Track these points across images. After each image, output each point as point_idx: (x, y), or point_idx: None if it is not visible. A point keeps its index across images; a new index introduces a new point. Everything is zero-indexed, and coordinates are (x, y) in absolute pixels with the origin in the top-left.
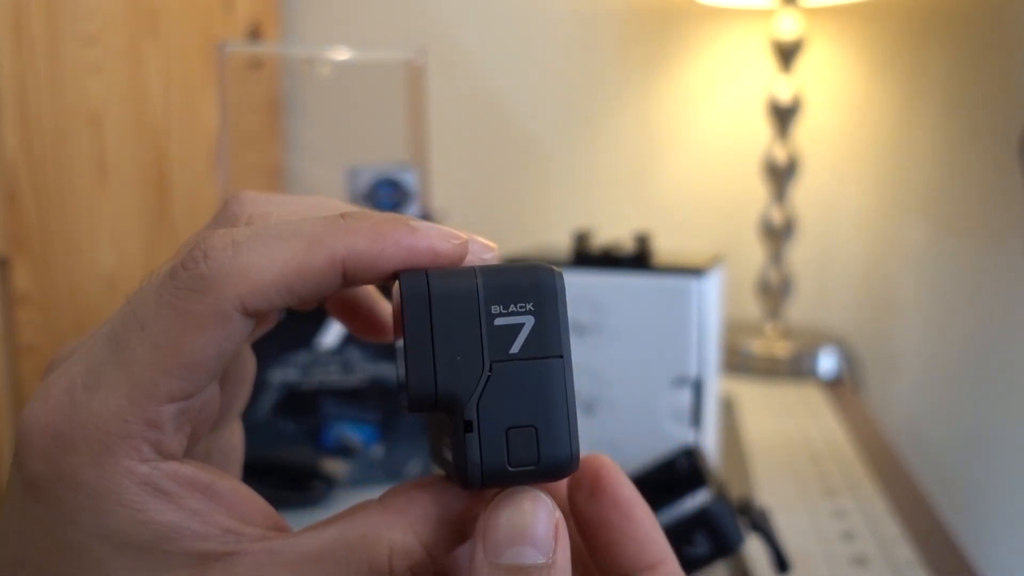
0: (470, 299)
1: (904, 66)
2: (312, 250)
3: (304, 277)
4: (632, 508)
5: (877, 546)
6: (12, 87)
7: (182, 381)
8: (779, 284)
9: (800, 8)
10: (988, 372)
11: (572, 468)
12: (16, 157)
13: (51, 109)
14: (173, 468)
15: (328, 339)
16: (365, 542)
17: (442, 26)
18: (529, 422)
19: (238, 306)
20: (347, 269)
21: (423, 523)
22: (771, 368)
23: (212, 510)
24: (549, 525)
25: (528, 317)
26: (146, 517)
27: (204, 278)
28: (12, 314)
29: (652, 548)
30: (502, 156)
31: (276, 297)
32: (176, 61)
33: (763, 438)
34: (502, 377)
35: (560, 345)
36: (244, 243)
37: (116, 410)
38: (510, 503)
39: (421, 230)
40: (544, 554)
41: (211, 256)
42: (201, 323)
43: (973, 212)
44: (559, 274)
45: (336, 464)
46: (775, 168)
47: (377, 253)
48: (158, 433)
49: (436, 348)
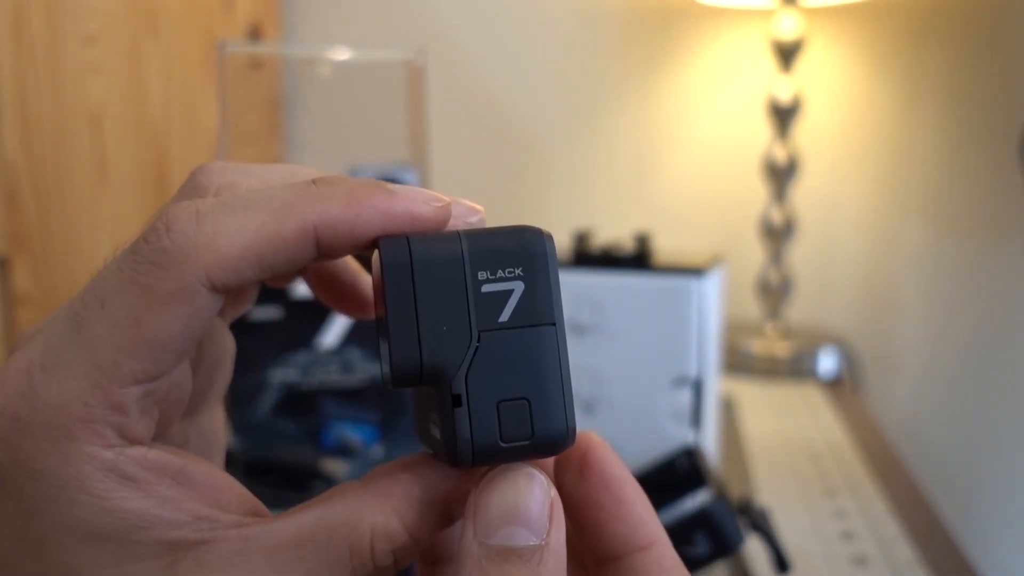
0: (455, 265)
1: (904, 66)
2: (282, 218)
3: (275, 247)
4: (622, 487)
5: (877, 546)
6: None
7: (146, 362)
8: (779, 284)
9: (800, 8)
10: (988, 372)
11: (568, 443)
12: (16, 157)
13: (51, 109)
14: (140, 453)
15: (328, 339)
16: (346, 526)
17: (442, 26)
18: (521, 394)
19: (204, 281)
20: (320, 237)
21: (406, 505)
22: (771, 368)
23: (183, 496)
24: (544, 504)
25: (517, 283)
26: (112, 505)
27: (167, 251)
28: (12, 314)
29: (644, 529)
30: (502, 156)
31: (245, 270)
32: (176, 61)
33: (763, 438)
34: (491, 347)
35: (552, 312)
36: (209, 213)
37: (76, 393)
38: (502, 481)
39: (399, 193)
40: (537, 535)
41: (174, 228)
42: (165, 300)
43: (973, 212)
44: (548, 236)
45: (336, 464)
46: (775, 168)
47: (352, 219)
48: (122, 417)
49: (420, 318)
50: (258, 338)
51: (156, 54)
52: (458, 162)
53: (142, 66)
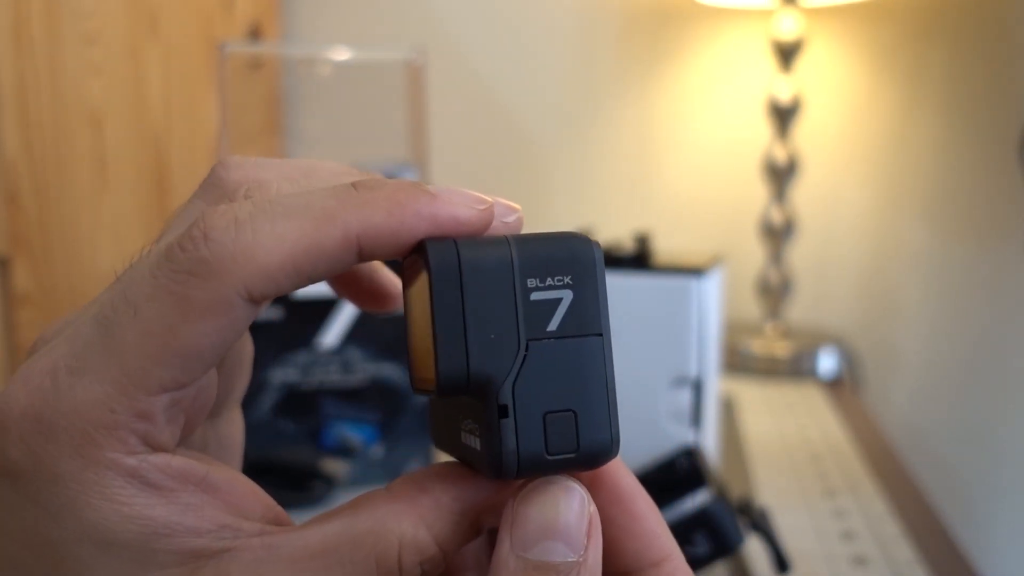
0: (504, 271)
1: (904, 66)
2: (324, 227)
3: (315, 258)
4: (634, 502)
5: (877, 546)
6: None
7: (176, 371)
8: (779, 284)
9: (800, 8)
10: (988, 372)
11: (613, 454)
12: (16, 157)
13: (51, 109)
14: (164, 460)
15: (328, 339)
16: (372, 536)
17: (442, 26)
18: (568, 406)
19: (242, 292)
20: (363, 246)
21: (435, 514)
22: (771, 368)
23: (206, 504)
24: (582, 520)
25: (566, 291)
26: (133, 512)
27: (205, 262)
28: (12, 314)
29: (656, 544)
30: (502, 156)
31: (284, 281)
32: (176, 61)
33: (763, 438)
34: (539, 357)
35: (600, 322)
36: (248, 221)
37: (102, 398)
38: (542, 493)
39: (442, 197)
40: (575, 551)
41: (212, 237)
42: (201, 311)
43: (973, 212)
44: (597, 245)
45: (336, 464)
46: (775, 168)
47: (396, 227)
48: (148, 425)
49: (468, 326)
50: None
51: (156, 54)
52: (458, 162)
53: (142, 66)
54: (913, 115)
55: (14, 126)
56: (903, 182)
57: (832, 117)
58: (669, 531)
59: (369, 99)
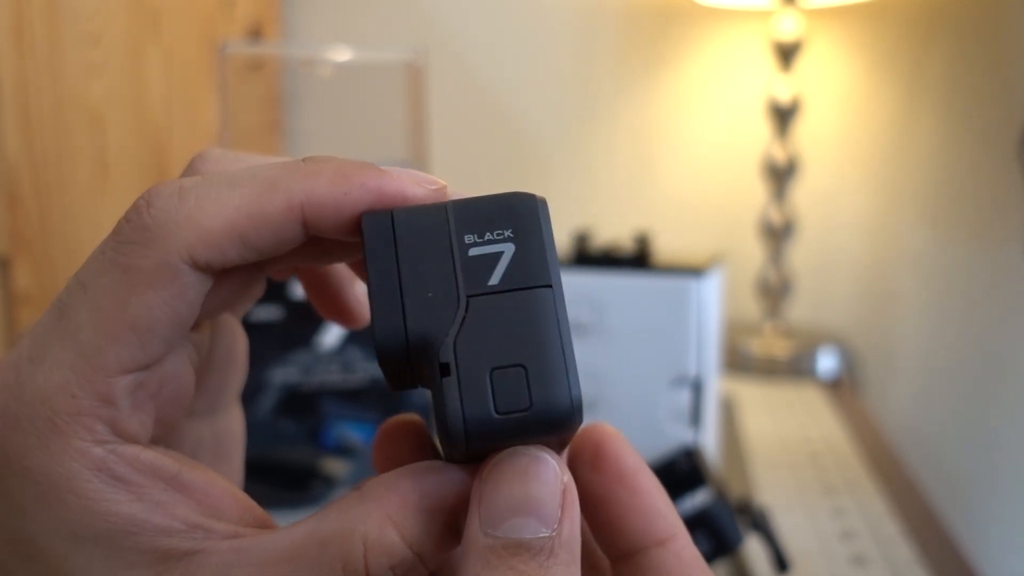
0: (439, 230)
1: (904, 66)
2: (267, 194)
3: (259, 224)
4: (637, 478)
5: (876, 545)
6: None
7: (132, 348)
8: (779, 284)
9: (800, 8)
10: (988, 372)
11: (574, 417)
12: (17, 157)
13: (52, 109)
14: (133, 453)
15: (328, 339)
16: (337, 538)
17: (442, 26)
18: (517, 361)
19: (186, 258)
20: (307, 215)
21: (403, 512)
22: (771, 368)
23: (177, 502)
24: (555, 491)
25: (507, 244)
26: (100, 508)
27: (147, 229)
28: (12, 314)
29: (661, 522)
30: (502, 156)
31: (229, 247)
32: (177, 61)
33: (763, 438)
34: (482, 312)
35: (548, 273)
36: (192, 189)
37: (62, 383)
38: (509, 465)
39: (390, 173)
40: (548, 526)
41: (154, 204)
42: (147, 279)
43: (973, 212)
44: (542, 200)
45: (336, 464)
46: (775, 168)
47: (340, 197)
48: (112, 410)
49: (404, 288)
50: (258, 338)
51: (157, 54)
52: (458, 162)
53: (143, 66)
54: (913, 115)
55: (15, 126)
56: (903, 182)
57: (832, 117)
58: (676, 512)
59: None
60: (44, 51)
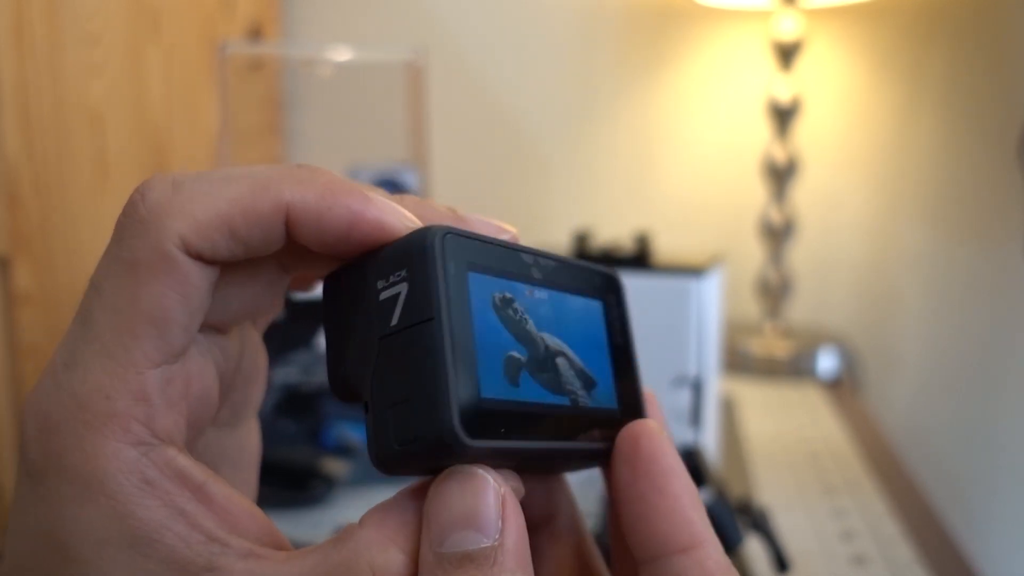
0: (362, 280)
1: (904, 66)
2: (258, 192)
3: (248, 219)
4: (668, 480)
5: (877, 546)
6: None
7: (154, 339)
8: (779, 284)
9: (800, 8)
10: (988, 372)
11: (451, 443)
12: (17, 157)
13: (52, 109)
14: (167, 457)
15: None
16: (345, 566)
17: (442, 26)
18: (406, 395)
19: (179, 244)
20: (291, 219)
21: (402, 533)
22: (771, 368)
23: (200, 513)
24: (493, 504)
25: (403, 284)
26: (127, 510)
27: (142, 220)
28: (12, 314)
29: (686, 528)
30: (502, 156)
31: (219, 238)
32: (177, 61)
33: (763, 438)
34: (388, 352)
35: (431, 307)
36: (185, 182)
37: (96, 387)
38: (446, 484)
39: (374, 201)
40: (489, 536)
41: (148, 197)
42: (149, 270)
43: (973, 212)
44: (439, 232)
45: (336, 464)
46: (775, 168)
47: (324, 210)
48: (146, 407)
49: (347, 338)
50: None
51: (157, 54)
52: (458, 162)
53: (143, 66)
54: (913, 115)
55: (15, 126)
56: (903, 182)
57: (832, 117)
58: (707, 519)
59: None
60: (44, 51)
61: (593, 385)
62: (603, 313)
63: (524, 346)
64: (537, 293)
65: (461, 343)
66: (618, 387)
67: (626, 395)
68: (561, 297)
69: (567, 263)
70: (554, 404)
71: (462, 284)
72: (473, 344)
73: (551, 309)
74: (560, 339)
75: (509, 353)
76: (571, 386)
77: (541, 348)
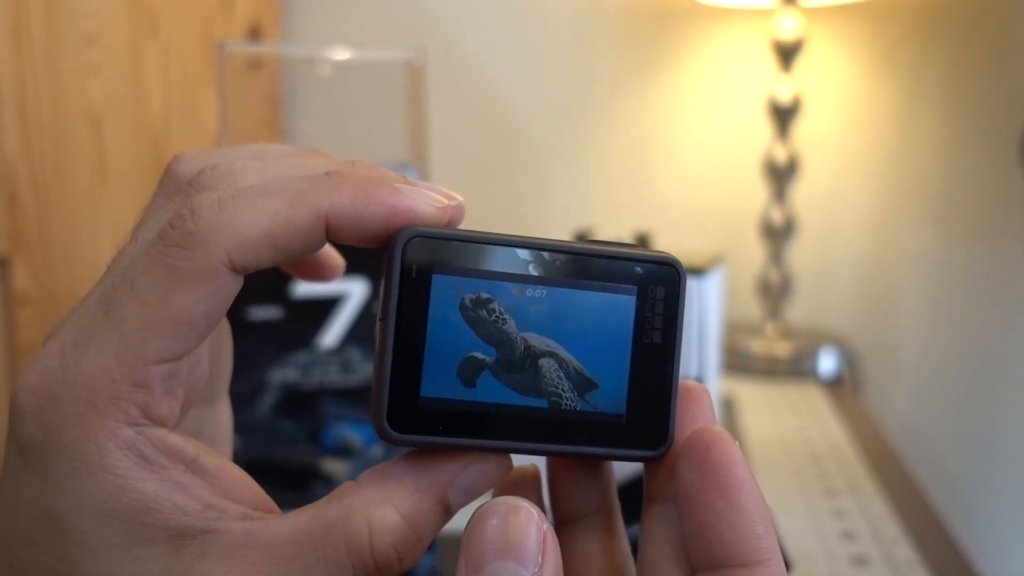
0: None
1: (904, 66)
2: (297, 206)
3: (289, 232)
4: (740, 493)
5: (877, 546)
6: (12, 87)
7: (171, 340)
8: (779, 284)
9: (800, 8)
10: (988, 372)
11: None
12: (16, 157)
13: (51, 109)
14: (160, 436)
15: (328, 339)
16: (341, 521)
17: (442, 26)
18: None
19: (226, 261)
20: (330, 225)
21: (400, 494)
22: (771, 368)
23: (195, 484)
24: (533, 536)
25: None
26: (126, 484)
27: (192, 235)
28: (12, 314)
29: (754, 544)
30: (502, 156)
31: (263, 252)
32: (176, 61)
33: (763, 438)
34: (375, 336)
35: (383, 308)
36: (230, 200)
37: (105, 369)
38: (489, 513)
39: (403, 191)
40: (528, 569)
41: (198, 214)
42: (190, 279)
43: (973, 212)
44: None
45: (336, 464)
46: (775, 168)
47: (361, 210)
48: (146, 395)
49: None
50: (258, 338)
51: (156, 54)
52: (458, 162)
53: (142, 66)
54: (914, 115)
55: (14, 126)
56: (903, 182)
57: (832, 117)
58: (775, 538)
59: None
60: (43, 51)
61: (592, 388)
62: (634, 309)
63: (494, 347)
64: (530, 291)
65: (405, 344)
66: (632, 391)
67: (642, 399)
68: (567, 294)
69: (590, 255)
70: (521, 405)
71: (422, 286)
72: (421, 345)
73: (548, 307)
74: (554, 339)
75: (470, 354)
76: (554, 388)
77: (519, 349)
